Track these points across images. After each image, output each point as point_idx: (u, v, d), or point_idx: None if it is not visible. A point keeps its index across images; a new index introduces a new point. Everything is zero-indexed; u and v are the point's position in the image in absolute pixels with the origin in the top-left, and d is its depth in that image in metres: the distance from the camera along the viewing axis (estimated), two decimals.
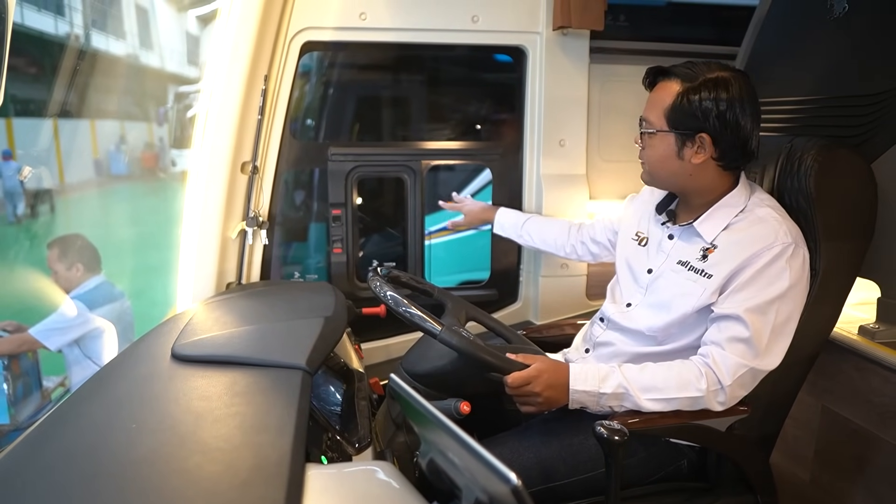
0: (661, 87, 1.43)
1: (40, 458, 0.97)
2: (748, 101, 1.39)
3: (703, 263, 1.44)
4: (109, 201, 10.31)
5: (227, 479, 0.90)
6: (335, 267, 2.35)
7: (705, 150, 1.40)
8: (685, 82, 1.39)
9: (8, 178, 7.63)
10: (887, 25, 1.72)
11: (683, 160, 1.43)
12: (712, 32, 3.25)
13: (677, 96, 1.39)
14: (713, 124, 1.37)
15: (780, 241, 1.37)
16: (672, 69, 1.42)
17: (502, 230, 2.12)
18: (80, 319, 3.05)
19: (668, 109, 1.41)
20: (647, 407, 1.39)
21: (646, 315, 1.53)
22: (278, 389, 1.18)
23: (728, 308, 1.38)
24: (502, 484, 0.74)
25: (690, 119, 1.38)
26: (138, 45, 11.96)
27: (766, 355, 1.37)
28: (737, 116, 1.37)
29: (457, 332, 1.39)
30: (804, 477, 2.01)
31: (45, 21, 9.81)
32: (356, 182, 2.33)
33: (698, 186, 1.47)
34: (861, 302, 1.97)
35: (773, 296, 1.36)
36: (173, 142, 8.99)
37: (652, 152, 1.47)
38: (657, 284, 1.53)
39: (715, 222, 1.45)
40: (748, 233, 1.40)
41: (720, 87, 1.36)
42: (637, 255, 1.62)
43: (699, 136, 1.39)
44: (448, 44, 2.29)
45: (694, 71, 1.39)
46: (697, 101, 1.37)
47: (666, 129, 1.42)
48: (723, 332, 1.39)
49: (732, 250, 1.40)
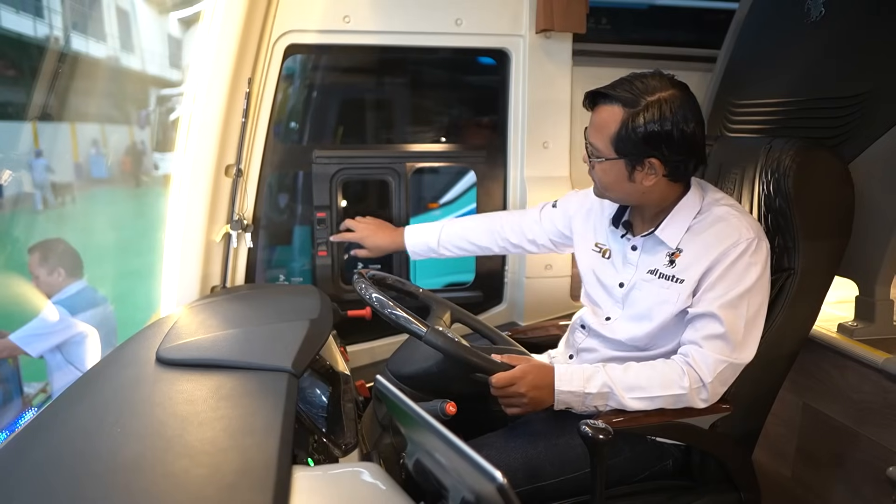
0: (603, 112, 1.41)
1: (25, 463, 0.97)
2: (691, 113, 1.38)
3: (672, 269, 1.46)
4: (90, 205, 10.20)
5: (214, 483, 0.90)
6: (320, 269, 2.35)
7: (655, 172, 1.41)
8: (627, 107, 1.37)
9: (37, 173, 8.46)
10: (863, 28, 1.75)
11: (635, 182, 1.43)
12: (693, 35, 3.29)
13: (621, 125, 1.37)
14: (660, 147, 1.37)
15: (744, 237, 1.40)
16: (612, 94, 1.39)
17: (416, 253, 1.97)
18: (62, 325, 3.01)
19: (614, 138, 1.39)
20: (631, 406, 1.41)
21: (626, 327, 1.55)
22: (264, 392, 1.18)
23: (702, 307, 1.41)
24: (488, 483, 0.74)
25: (637, 146, 1.38)
26: (119, 47, 11.84)
27: (743, 348, 1.41)
28: (682, 133, 1.36)
29: (442, 334, 1.39)
30: (786, 473, 2.03)
31: (24, 23, 9.69)
32: (341, 185, 2.33)
33: (652, 200, 1.48)
34: (840, 300, 2.00)
35: (742, 290, 1.39)
36: (156, 145, 8.91)
37: (603, 176, 1.47)
38: (633, 297, 1.54)
39: (675, 227, 1.47)
40: (711, 232, 1.43)
41: (663, 107, 1.35)
42: (604, 267, 1.62)
43: (648, 160, 1.39)
44: (431, 46, 2.29)
45: (633, 94, 1.37)
46: (642, 127, 1.35)
47: (614, 157, 1.41)
48: (699, 331, 1.42)
49: (699, 251, 1.43)
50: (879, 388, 1.71)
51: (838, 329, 1.86)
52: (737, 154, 1.73)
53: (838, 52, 1.81)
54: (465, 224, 1.94)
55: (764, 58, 2.08)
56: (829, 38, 1.83)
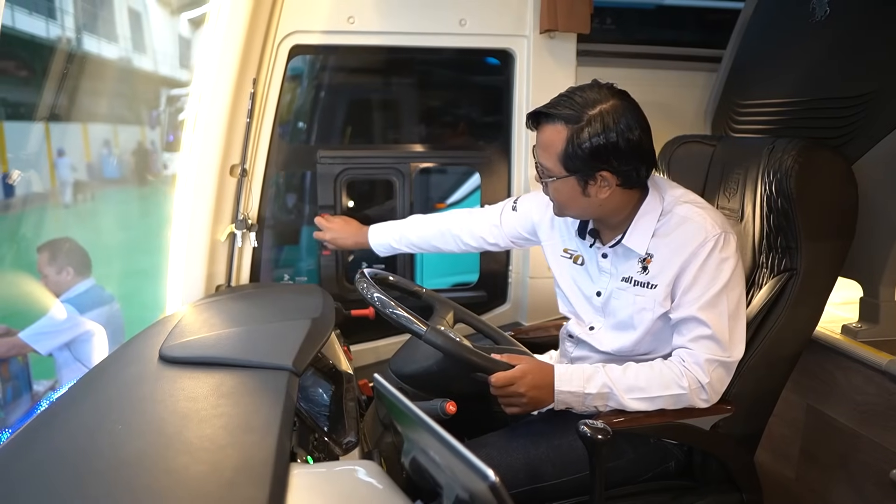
0: (547, 130, 1.41)
1: (29, 460, 0.98)
2: (634, 121, 1.37)
3: (646, 276, 1.46)
4: (102, 205, 10.30)
5: (213, 479, 0.91)
6: (325, 269, 2.36)
7: (609, 184, 1.40)
8: (570, 124, 1.36)
9: (62, 171, 9.15)
10: (868, 28, 1.75)
11: (590, 196, 1.42)
12: (698, 35, 3.28)
13: (567, 143, 1.37)
14: (609, 159, 1.36)
15: (711, 234, 1.39)
16: (552, 112, 1.38)
17: (380, 251, 1.99)
18: (71, 323, 3.04)
19: (562, 156, 1.39)
20: (631, 406, 1.41)
21: (611, 337, 1.55)
22: (265, 390, 1.19)
23: (683, 311, 1.42)
24: (481, 481, 0.75)
25: (586, 162, 1.37)
26: (131, 48, 11.92)
27: (732, 345, 1.42)
28: (628, 141, 1.35)
29: (441, 333, 1.40)
30: (790, 475, 2.03)
31: (37, 24, 9.77)
32: (345, 185, 2.34)
33: (611, 210, 1.47)
34: (845, 301, 1.99)
35: (719, 288, 1.39)
36: (165, 145, 8.97)
37: (557, 195, 1.47)
38: (611, 306, 1.54)
39: (641, 233, 1.46)
40: (677, 234, 1.42)
41: (606, 118, 1.34)
42: (580, 275, 1.61)
43: (599, 174, 1.39)
44: (436, 47, 2.30)
45: (575, 110, 1.36)
46: (588, 141, 1.35)
47: (565, 175, 1.41)
48: (685, 335, 1.43)
49: (668, 255, 1.42)
50: (883, 389, 1.70)
51: (842, 330, 1.85)
52: (740, 154, 1.72)
53: (843, 52, 1.80)
54: (422, 226, 1.93)
55: (769, 58, 2.08)
56: (834, 38, 1.82)
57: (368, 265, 2.12)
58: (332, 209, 2.31)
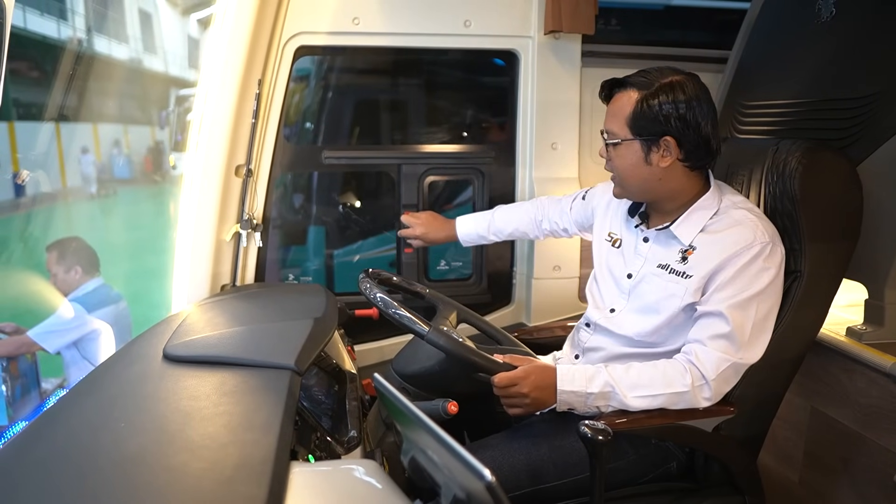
0: (619, 98, 1.46)
1: (32, 457, 0.99)
2: (704, 101, 1.42)
3: (683, 265, 1.46)
4: (112, 204, 10.40)
5: (213, 476, 0.91)
6: (406, 267, 2.42)
7: (671, 153, 1.43)
8: (642, 90, 1.42)
9: (85, 167, 10.02)
10: (873, 30, 1.74)
11: (651, 165, 1.45)
12: (703, 35, 3.26)
13: (637, 104, 1.42)
14: (675, 126, 1.40)
15: (759, 240, 1.40)
16: (627, 79, 1.45)
17: (467, 242, 2.03)
18: (79, 322, 3.07)
19: (630, 118, 1.43)
20: (633, 405, 1.41)
21: (632, 320, 1.55)
22: (267, 389, 1.20)
23: (711, 306, 1.41)
24: (477, 481, 0.75)
25: (653, 124, 1.41)
26: (141, 48, 12.00)
27: (748, 349, 1.41)
28: (696, 116, 1.40)
29: (444, 333, 1.40)
30: (793, 478, 2.02)
31: (48, 25, 9.85)
32: (428, 184, 2.42)
33: (669, 190, 1.49)
34: (850, 304, 1.98)
35: (753, 292, 1.39)
36: (174, 145, 9.03)
37: (620, 161, 1.49)
38: (640, 289, 1.54)
39: (691, 225, 1.48)
40: (726, 234, 1.43)
41: (676, 90, 1.40)
42: (614, 257, 1.63)
43: (663, 139, 1.42)
44: (440, 48, 2.31)
45: (648, 78, 1.42)
46: (657, 105, 1.40)
47: (630, 138, 1.45)
48: (705, 330, 1.42)
49: (711, 251, 1.43)
50: (888, 392, 1.69)
51: (847, 333, 1.84)
52: (745, 155, 1.72)
53: (848, 53, 1.79)
54: (509, 213, 2.00)
55: (774, 59, 2.07)
56: (840, 39, 1.81)
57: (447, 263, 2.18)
58: (415, 207, 2.36)
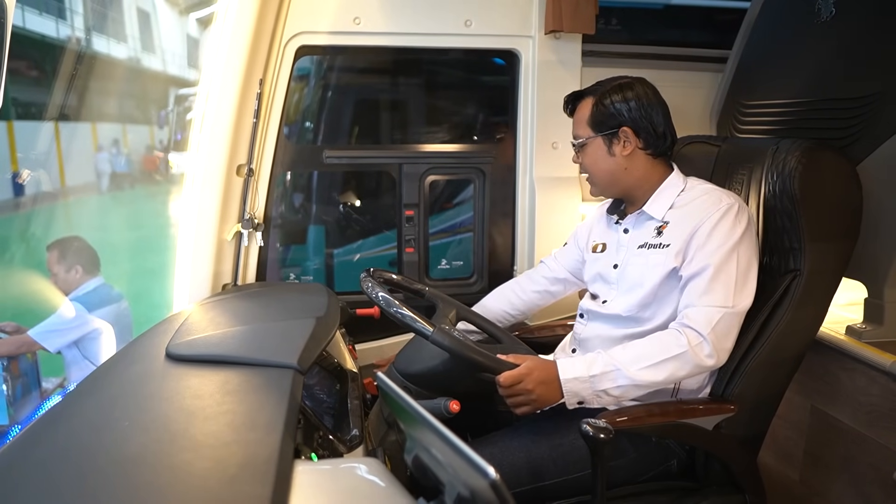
0: (580, 107, 1.64)
1: (35, 457, 0.99)
2: (652, 95, 1.59)
3: (659, 238, 1.55)
4: (110, 203, 10.42)
5: (216, 475, 0.91)
6: (408, 266, 2.43)
7: (630, 141, 1.58)
8: (596, 94, 1.60)
9: (100, 163, 10.58)
10: (873, 29, 1.74)
11: (615, 156, 1.59)
12: (703, 35, 3.26)
13: (593, 106, 1.60)
14: (629, 117, 1.57)
15: (725, 202, 1.50)
16: (583, 91, 1.65)
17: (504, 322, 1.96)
18: (79, 321, 3.07)
19: (589, 119, 1.61)
20: (639, 378, 1.41)
21: (621, 299, 1.60)
22: (269, 388, 1.20)
23: (694, 265, 1.48)
24: (481, 478, 0.75)
25: (609, 119, 1.58)
26: (140, 48, 11.99)
27: (737, 295, 1.45)
28: (646, 108, 1.57)
29: (448, 333, 1.40)
30: (794, 476, 2.02)
31: (47, 24, 9.84)
32: (429, 184, 2.43)
33: (636, 179, 1.61)
34: (850, 303, 1.99)
35: (732, 244, 1.46)
36: (173, 144, 9.03)
37: (587, 159, 1.64)
38: (625, 273, 1.61)
39: (661, 202, 1.60)
40: (695, 203, 1.55)
41: (626, 89, 1.58)
42: (602, 261, 1.70)
43: (621, 130, 1.57)
44: (441, 48, 2.31)
45: (601, 86, 1.61)
46: (610, 103, 1.58)
47: (592, 135, 1.61)
48: (693, 292, 1.47)
49: (684, 220, 1.53)
50: (888, 391, 1.70)
51: (846, 331, 1.84)
52: (744, 155, 1.72)
53: (848, 52, 1.79)
54: (489, 304, 1.95)
55: (774, 58, 2.07)
56: (840, 38, 1.82)
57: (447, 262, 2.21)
58: (416, 207, 2.38)
